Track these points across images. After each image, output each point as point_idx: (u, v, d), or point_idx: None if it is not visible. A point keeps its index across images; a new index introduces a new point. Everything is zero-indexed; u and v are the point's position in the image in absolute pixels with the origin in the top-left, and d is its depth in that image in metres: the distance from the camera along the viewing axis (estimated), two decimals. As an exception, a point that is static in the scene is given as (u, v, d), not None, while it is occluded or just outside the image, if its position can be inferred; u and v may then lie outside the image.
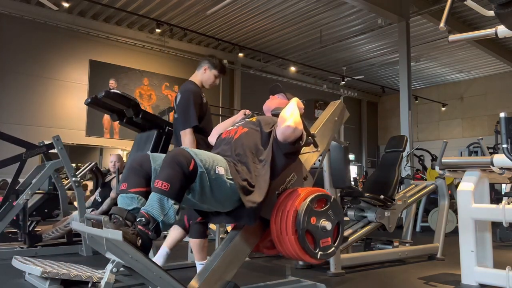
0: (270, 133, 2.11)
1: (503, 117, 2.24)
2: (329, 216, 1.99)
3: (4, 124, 8.90)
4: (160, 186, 1.67)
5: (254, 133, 2.13)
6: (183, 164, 1.70)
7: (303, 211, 1.89)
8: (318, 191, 2.02)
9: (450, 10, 1.74)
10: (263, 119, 2.25)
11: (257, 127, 2.16)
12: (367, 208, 3.86)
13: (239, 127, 2.18)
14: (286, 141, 2.02)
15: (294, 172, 2.16)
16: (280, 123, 2.03)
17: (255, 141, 2.08)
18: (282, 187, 2.08)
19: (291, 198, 1.96)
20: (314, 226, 1.92)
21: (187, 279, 1.82)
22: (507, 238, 5.35)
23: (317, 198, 1.97)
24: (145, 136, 3.40)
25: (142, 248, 1.63)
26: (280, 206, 1.96)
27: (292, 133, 1.99)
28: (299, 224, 1.87)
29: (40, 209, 4.44)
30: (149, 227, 1.65)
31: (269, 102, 2.52)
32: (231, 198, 1.87)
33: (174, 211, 1.68)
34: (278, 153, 2.04)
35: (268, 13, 10.25)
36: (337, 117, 2.92)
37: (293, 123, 2.00)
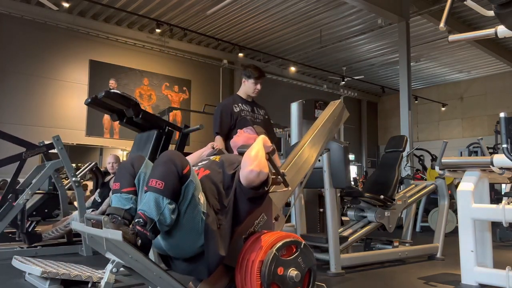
0: (234, 175, 1.98)
1: (503, 117, 2.24)
2: (299, 264, 1.85)
3: (4, 124, 8.90)
4: (155, 184, 1.65)
5: (216, 175, 2.00)
6: (178, 164, 1.69)
7: (269, 262, 1.75)
8: (287, 236, 1.88)
9: (450, 10, 1.74)
10: (227, 158, 2.14)
11: (220, 168, 2.05)
12: (367, 208, 3.86)
13: (201, 169, 2.07)
14: (250, 186, 1.88)
15: (263, 213, 2.02)
16: (243, 167, 1.89)
17: (216, 185, 1.96)
18: (250, 230, 1.96)
19: (257, 245, 1.82)
20: (281, 277, 1.79)
21: (187, 279, 1.82)
22: (507, 238, 5.35)
23: (286, 245, 1.84)
24: (145, 136, 3.41)
25: (142, 248, 1.63)
26: (245, 254, 1.84)
27: (256, 177, 1.86)
28: (264, 277, 1.74)
29: (40, 209, 4.44)
30: (147, 228, 1.65)
31: (236, 138, 2.40)
32: (195, 238, 1.77)
33: (170, 211, 1.67)
34: (241, 198, 1.91)
35: (268, 13, 10.25)
36: (336, 117, 2.92)
37: (257, 166, 1.86)
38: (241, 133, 2.40)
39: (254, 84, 3.30)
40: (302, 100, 4.41)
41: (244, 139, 2.31)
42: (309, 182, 3.19)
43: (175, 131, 3.58)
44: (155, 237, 1.70)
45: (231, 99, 3.39)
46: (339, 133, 3.58)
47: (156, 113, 8.30)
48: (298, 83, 14.47)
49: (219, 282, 1.90)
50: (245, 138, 2.32)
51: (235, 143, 2.36)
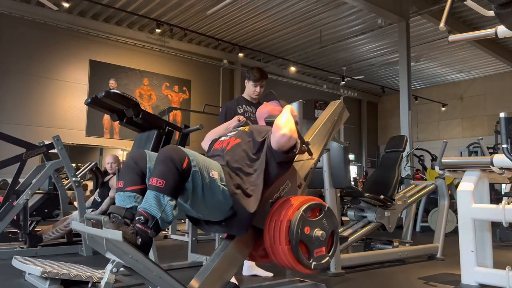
0: (263, 142, 2.07)
1: (503, 117, 2.24)
2: (323, 225, 1.96)
3: (4, 124, 8.91)
4: (155, 183, 1.67)
5: (246, 143, 2.10)
6: (176, 160, 1.69)
7: (297, 221, 1.86)
8: (312, 200, 1.99)
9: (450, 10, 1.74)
10: (256, 128, 2.23)
11: (249, 137, 2.14)
12: (367, 208, 3.86)
13: (232, 138, 2.16)
14: (281, 150, 1.98)
15: (288, 180, 2.13)
16: (275, 132, 2.00)
17: (247, 151, 2.06)
18: (275, 196, 2.06)
19: (284, 208, 1.93)
20: (307, 236, 1.89)
21: (187, 279, 1.82)
22: (507, 238, 5.35)
23: (311, 207, 1.94)
24: (145, 136, 3.41)
25: (142, 247, 1.63)
26: (274, 216, 1.94)
27: (287, 141, 1.97)
28: (292, 235, 1.85)
29: (40, 209, 4.45)
30: (148, 225, 1.65)
31: (261, 109, 2.50)
32: (222, 206, 1.85)
33: (171, 208, 1.68)
34: (271, 162, 2.00)
35: (268, 13, 10.25)
36: (337, 117, 2.92)
37: (288, 131, 1.97)
38: (267, 105, 2.51)
39: (254, 86, 3.29)
40: (302, 100, 4.41)
41: (269, 110, 2.42)
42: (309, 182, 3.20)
43: (175, 131, 3.57)
44: (156, 234, 1.70)
45: (235, 101, 3.39)
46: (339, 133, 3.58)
47: (156, 113, 8.30)
48: (298, 83, 14.47)
49: (247, 244, 2.01)
50: (270, 109, 2.42)
51: (260, 114, 2.47)
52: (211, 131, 2.56)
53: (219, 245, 2.06)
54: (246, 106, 3.32)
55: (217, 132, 2.48)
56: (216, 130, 2.55)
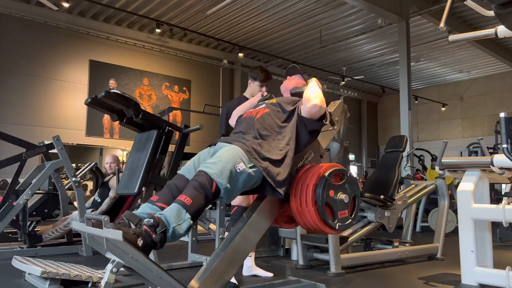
0: (292, 111, 2.18)
1: (503, 117, 2.24)
2: (346, 189, 2.07)
3: (4, 124, 8.91)
4: (183, 199, 1.72)
5: (275, 112, 2.20)
6: (206, 187, 1.77)
7: (322, 185, 1.96)
8: (335, 166, 2.08)
9: (450, 10, 1.74)
10: (283, 100, 2.31)
11: (277, 107, 2.23)
12: (367, 208, 3.86)
13: (261, 108, 2.25)
14: (313, 119, 2.10)
15: (311, 150, 2.24)
16: (306, 102, 2.11)
17: (277, 119, 2.16)
18: (300, 164, 2.17)
19: (310, 173, 2.03)
20: (332, 199, 2.00)
21: (187, 279, 1.82)
22: (507, 238, 5.35)
23: (334, 173, 2.04)
24: (145, 136, 3.40)
25: (143, 249, 1.62)
26: (299, 181, 2.04)
27: (318, 111, 2.08)
28: (318, 197, 1.95)
29: (40, 209, 4.44)
30: (155, 230, 1.62)
31: (286, 83, 2.58)
32: (257, 181, 1.97)
33: (188, 225, 1.70)
34: (302, 130, 2.12)
35: (268, 13, 10.25)
36: (337, 117, 2.92)
37: (319, 101, 2.08)
38: (291, 79, 2.59)
39: (260, 87, 3.30)
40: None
41: (295, 83, 2.51)
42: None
43: (175, 131, 3.57)
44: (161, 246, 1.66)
45: (236, 101, 3.39)
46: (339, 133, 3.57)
47: (156, 113, 8.30)
48: (298, 83, 14.44)
49: (273, 209, 2.09)
50: (295, 83, 2.51)
51: (285, 87, 2.54)
52: (237, 108, 2.66)
53: (219, 245, 2.06)
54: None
55: (243, 109, 2.56)
56: (242, 106, 2.63)
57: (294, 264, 3.61)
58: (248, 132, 2.10)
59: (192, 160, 2.03)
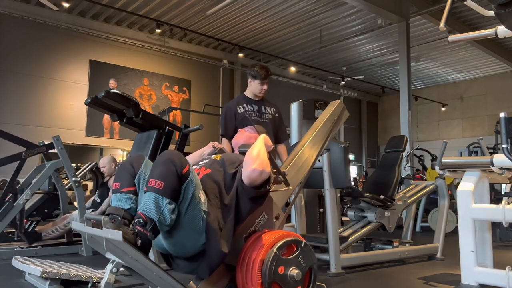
0: (235, 174, 1.99)
1: (503, 117, 2.24)
2: (299, 263, 1.87)
3: (4, 124, 8.90)
4: (154, 184, 1.66)
5: (217, 174, 2.01)
6: (177, 164, 1.69)
7: (269, 261, 1.76)
8: (288, 236, 1.89)
9: (450, 10, 1.74)
10: (228, 158, 2.14)
11: (220, 167, 2.06)
12: (367, 208, 3.86)
13: (202, 168, 2.09)
14: (252, 185, 1.90)
15: (264, 212, 2.03)
16: (246, 166, 1.90)
17: (218, 184, 1.97)
18: (250, 230, 1.97)
19: (257, 245, 1.83)
20: (282, 276, 1.80)
21: (187, 279, 1.82)
22: (507, 238, 5.35)
23: (286, 244, 1.85)
24: (145, 136, 3.40)
25: (142, 248, 1.63)
26: (246, 253, 1.85)
27: (258, 176, 1.88)
28: (265, 276, 1.75)
29: (40, 209, 4.44)
30: (147, 228, 1.65)
31: (237, 136, 2.43)
32: (196, 236, 1.78)
33: (169, 211, 1.67)
34: (243, 197, 1.92)
35: (268, 13, 10.25)
36: (337, 117, 2.92)
37: (260, 165, 1.87)
38: (242, 132, 2.43)
39: (261, 85, 3.28)
40: (302, 100, 4.41)
41: (245, 139, 2.33)
42: (309, 182, 3.20)
43: (175, 131, 3.58)
44: (155, 237, 1.70)
45: (235, 101, 3.39)
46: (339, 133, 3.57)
47: (156, 113, 8.30)
48: (298, 83, 14.46)
49: (219, 282, 1.91)
50: (246, 138, 2.34)
51: (236, 142, 2.38)
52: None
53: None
54: (247, 105, 3.32)
55: (192, 159, 2.39)
56: (190, 156, 2.46)
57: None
58: None
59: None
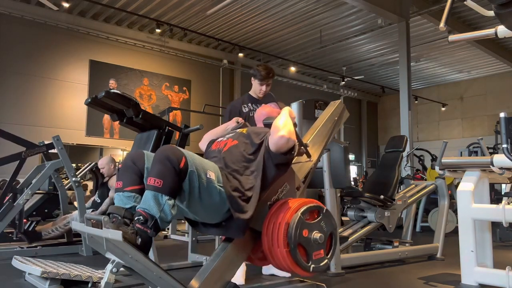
0: (261, 144, 2.06)
1: (503, 117, 2.24)
2: (322, 227, 1.95)
3: (4, 124, 8.89)
4: (153, 183, 1.67)
5: (243, 145, 2.09)
6: (173, 160, 1.69)
7: (295, 224, 1.84)
8: (311, 202, 1.97)
9: (450, 10, 1.74)
10: (253, 130, 2.22)
11: (247, 139, 2.13)
12: (367, 208, 3.86)
13: (229, 139, 2.15)
14: (279, 152, 1.98)
15: (286, 182, 2.11)
16: (273, 133, 1.99)
17: (244, 153, 2.04)
18: (274, 198, 2.05)
19: (282, 211, 1.92)
20: (306, 239, 1.88)
21: (187, 279, 1.82)
22: (507, 238, 5.35)
23: (309, 210, 1.93)
24: (145, 136, 3.41)
25: (142, 247, 1.63)
26: (272, 218, 1.93)
27: (285, 143, 1.96)
28: (290, 238, 1.84)
29: (40, 209, 4.44)
30: (147, 225, 1.65)
31: (260, 111, 2.50)
32: (219, 208, 1.85)
33: (169, 207, 1.68)
34: (269, 164, 2.00)
35: (268, 13, 10.25)
36: (337, 117, 2.92)
37: (287, 133, 1.96)
38: (265, 107, 2.52)
39: (259, 85, 3.23)
40: (302, 100, 4.41)
41: (268, 112, 2.42)
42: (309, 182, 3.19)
43: (175, 131, 3.57)
44: (156, 234, 1.70)
45: (240, 100, 3.35)
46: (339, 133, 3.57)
47: (156, 113, 8.30)
48: (298, 83, 14.47)
49: (246, 246, 2.00)
50: (269, 111, 2.43)
51: (259, 115, 2.47)
52: (208, 132, 2.55)
53: (219, 245, 2.06)
54: (251, 104, 3.30)
55: (215, 133, 2.47)
56: (214, 131, 2.53)
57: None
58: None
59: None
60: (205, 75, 12.73)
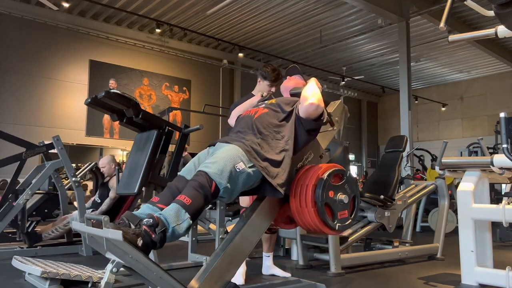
0: (291, 112, 2.17)
1: (503, 117, 2.24)
2: (346, 190, 2.07)
3: (4, 124, 8.90)
4: (183, 199, 1.72)
5: (274, 113, 2.19)
6: (206, 187, 1.77)
7: (322, 185, 1.96)
8: (335, 166, 2.09)
9: (450, 10, 1.74)
10: (282, 100, 2.31)
11: (277, 107, 2.23)
12: (367, 208, 3.85)
13: (259, 108, 2.25)
14: (309, 118, 2.10)
15: (311, 150, 2.24)
16: (303, 101, 2.11)
17: (275, 119, 2.15)
18: (300, 164, 2.16)
19: (309, 174, 2.03)
20: (332, 199, 2.00)
21: (187, 279, 1.82)
22: (507, 238, 5.35)
23: (334, 173, 2.05)
24: (145, 136, 3.40)
25: (143, 249, 1.62)
26: (299, 181, 2.04)
27: (315, 110, 2.08)
28: (318, 198, 1.95)
29: (40, 209, 4.44)
30: (155, 230, 1.62)
31: (286, 83, 2.58)
32: (256, 180, 1.96)
33: (188, 225, 1.70)
34: (300, 130, 2.12)
35: (268, 13, 10.25)
36: (337, 117, 2.92)
37: (316, 100, 2.08)
38: (291, 79, 2.61)
39: (269, 87, 3.22)
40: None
41: (294, 83, 2.51)
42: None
43: (175, 131, 3.57)
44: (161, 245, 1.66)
45: (244, 99, 3.35)
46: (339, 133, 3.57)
47: (156, 113, 8.29)
48: (298, 83, 14.44)
49: (274, 207, 2.10)
50: (295, 83, 2.52)
51: (285, 87, 2.54)
52: (236, 107, 2.64)
53: (219, 245, 2.06)
54: None
55: (243, 108, 2.56)
56: (242, 106, 2.62)
57: (294, 264, 3.61)
58: (247, 132, 2.09)
59: (192, 161, 2.03)
60: (205, 75, 12.73)
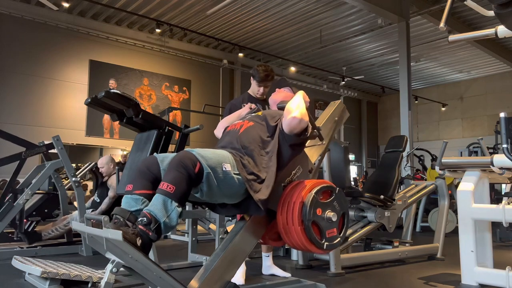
0: (276, 126, 2.14)
1: (503, 117, 2.24)
2: (334, 207, 2.03)
3: (4, 124, 8.90)
4: (165, 188, 1.68)
5: (259, 126, 2.16)
6: (188, 166, 1.72)
7: (309, 203, 1.91)
8: (323, 183, 2.04)
9: (450, 10, 1.74)
10: (269, 113, 2.28)
11: (262, 121, 2.19)
12: (367, 208, 3.85)
13: (245, 121, 2.22)
14: (292, 133, 2.04)
15: (299, 165, 2.19)
16: (286, 115, 2.06)
17: (260, 133, 2.11)
18: (287, 179, 2.11)
19: (297, 190, 1.99)
20: (319, 217, 1.96)
21: (187, 279, 1.82)
22: (507, 238, 5.35)
23: (322, 190, 2.00)
24: (145, 136, 3.40)
25: (142, 248, 1.63)
26: (286, 198, 2.00)
27: (298, 124, 2.02)
28: (305, 215, 1.91)
29: (40, 209, 4.44)
30: (150, 227, 1.64)
31: (275, 95, 2.54)
32: (238, 191, 1.91)
33: (177, 214, 1.69)
34: (284, 144, 2.07)
35: (268, 13, 10.25)
36: (337, 117, 2.92)
37: (299, 114, 2.02)
38: (280, 91, 2.56)
39: (257, 86, 3.20)
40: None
41: (283, 96, 2.46)
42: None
43: (175, 131, 3.57)
44: (158, 238, 1.69)
45: (240, 98, 3.33)
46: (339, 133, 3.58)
47: (156, 113, 8.30)
48: (298, 83, 14.45)
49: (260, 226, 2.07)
50: (284, 96, 2.47)
51: (274, 100, 2.50)
52: (223, 119, 2.61)
53: (219, 245, 2.06)
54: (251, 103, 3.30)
55: (230, 120, 2.53)
56: (229, 118, 2.59)
57: (294, 264, 3.61)
58: (232, 146, 2.05)
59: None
60: (205, 75, 12.73)
